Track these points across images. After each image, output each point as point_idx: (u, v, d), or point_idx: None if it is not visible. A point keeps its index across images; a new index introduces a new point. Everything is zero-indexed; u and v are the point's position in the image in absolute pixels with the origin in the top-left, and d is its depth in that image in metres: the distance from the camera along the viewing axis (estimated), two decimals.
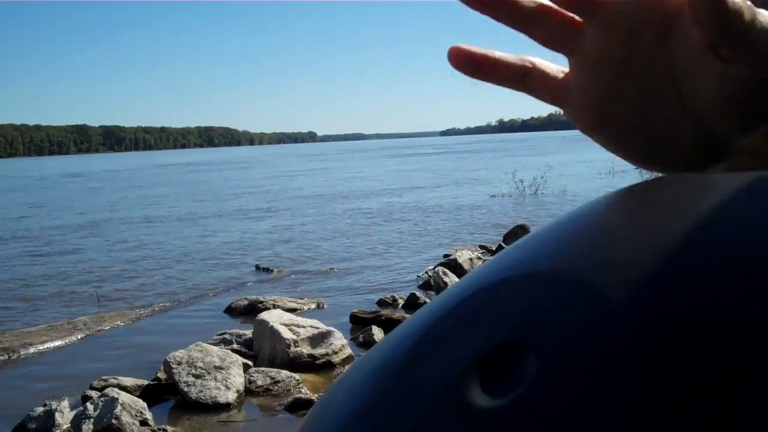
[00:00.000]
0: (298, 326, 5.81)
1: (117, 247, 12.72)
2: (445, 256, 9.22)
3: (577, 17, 0.33)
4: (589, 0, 0.32)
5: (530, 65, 0.34)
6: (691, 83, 0.31)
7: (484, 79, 0.34)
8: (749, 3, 0.28)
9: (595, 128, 0.34)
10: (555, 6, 0.33)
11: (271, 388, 5.06)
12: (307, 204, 19.39)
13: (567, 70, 0.35)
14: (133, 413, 4.40)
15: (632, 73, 0.32)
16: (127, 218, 17.59)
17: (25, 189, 35.00)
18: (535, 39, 0.34)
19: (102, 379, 5.16)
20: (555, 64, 0.35)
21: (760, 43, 0.28)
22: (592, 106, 0.34)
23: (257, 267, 9.91)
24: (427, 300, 3.28)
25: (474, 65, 0.34)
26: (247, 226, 15.01)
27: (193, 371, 4.95)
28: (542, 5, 0.33)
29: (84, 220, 17.66)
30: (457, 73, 0.34)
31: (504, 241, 10.01)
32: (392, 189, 23.28)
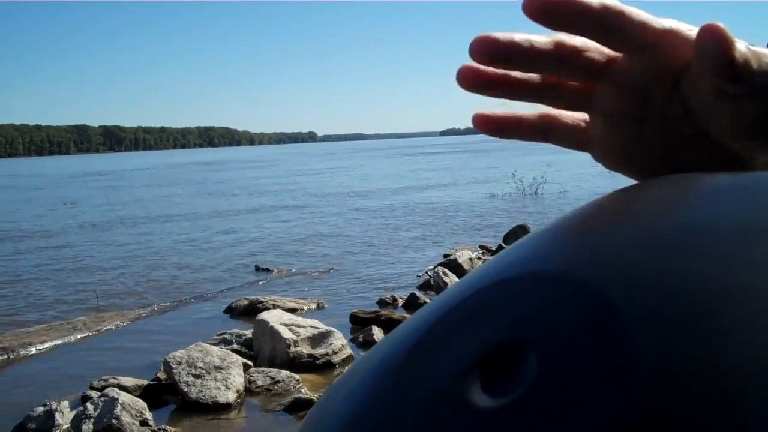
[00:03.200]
0: (298, 326, 5.81)
1: (117, 247, 12.73)
2: (445, 256, 9.22)
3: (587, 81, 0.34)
4: (597, 68, 0.33)
5: (552, 120, 0.36)
6: (707, 122, 0.32)
7: (508, 138, 0.36)
8: (754, 49, 0.30)
9: (620, 168, 0.36)
10: (563, 77, 0.34)
11: (271, 388, 5.06)
12: (309, 204, 19.40)
13: (586, 118, 0.36)
14: (133, 413, 4.40)
15: (650, 121, 0.33)
16: (135, 217, 17.60)
17: (50, 187, 35.03)
18: (549, 105, 0.36)
19: (102, 379, 5.16)
20: (574, 115, 0.36)
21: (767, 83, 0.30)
22: (615, 152, 0.35)
23: (257, 267, 9.91)
24: (427, 300, 3.28)
25: (498, 127, 0.35)
26: (247, 225, 15.02)
27: (193, 371, 4.95)
28: (550, 79, 0.34)
29: (96, 219, 17.67)
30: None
31: (504, 241, 10.01)
32: (394, 189, 23.29)
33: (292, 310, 6.89)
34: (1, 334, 6.75)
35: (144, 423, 4.40)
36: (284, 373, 5.19)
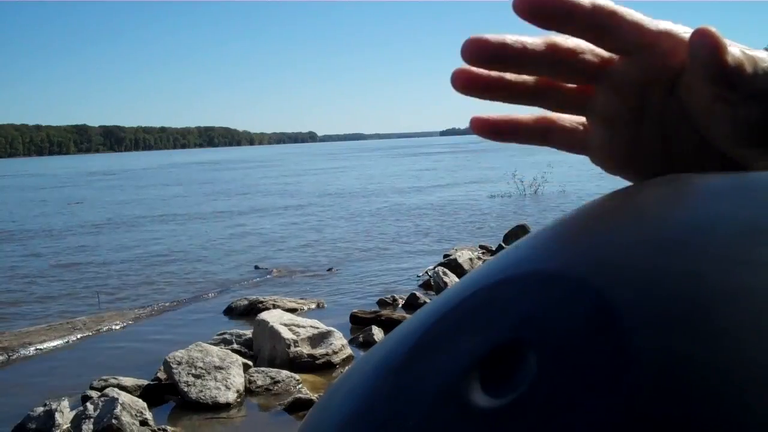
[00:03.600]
0: (298, 326, 5.81)
1: (118, 246, 12.72)
2: (445, 256, 9.22)
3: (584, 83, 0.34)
4: (592, 70, 0.32)
5: (550, 123, 0.36)
6: (705, 126, 0.32)
7: (506, 141, 0.36)
8: (749, 53, 0.30)
9: (619, 171, 0.36)
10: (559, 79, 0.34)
11: (271, 388, 5.06)
12: (309, 203, 19.40)
13: (584, 121, 0.36)
14: (133, 413, 4.39)
15: (647, 123, 0.33)
16: (138, 217, 17.60)
17: (58, 187, 35.08)
18: (545, 108, 0.35)
19: (102, 379, 5.15)
20: (572, 118, 0.36)
21: (764, 87, 0.30)
22: (613, 155, 0.35)
23: (257, 267, 9.91)
24: (427, 300, 3.29)
25: (495, 130, 0.35)
26: (248, 225, 15.01)
27: (193, 371, 4.95)
28: (546, 81, 0.34)
29: (98, 219, 17.67)
30: None
31: (504, 241, 10.01)
32: (395, 189, 23.29)
33: (292, 310, 6.89)
34: (1, 334, 6.75)
35: (144, 423, 4.40)
36: (284, 373, 5.19)
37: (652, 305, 0.20)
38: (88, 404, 4.49)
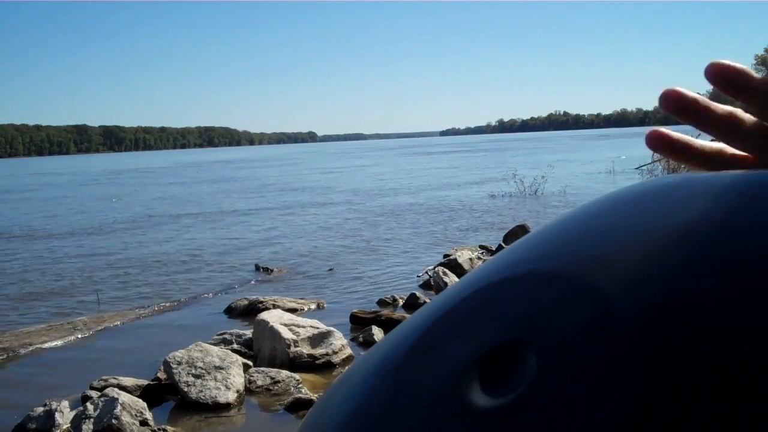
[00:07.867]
0: (298, 326, 5.81)
1: (120, 246, 12.72)
2: (445, 256, 9.22)
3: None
4: (757, 140, 0.36)
5: (723, 155, 0.38)
6: None
7: (677, 161, 0.39)
8: None
9: None
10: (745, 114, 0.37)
11: (271, 388, 5.06)
12: (308, 203, 19.40)
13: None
14: (133, 413, 4.40)
15: None
16: (140, 217, 17.60)
17: (65, 186, 35.14)
18: (727, 143, 0.38)
19: (102, 379, 5.15)
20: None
21: None
22: None
23: (257, 267, 9.91)
24: (427, 300, 3.28)
25: (670, 147, 0.38)
26: (247, 225, 15.01)
27: (193, 371, 4.95)
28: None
29: (99, 220, 17.68)
30: (457, 72, 0.35)
31: (504, 241, 10.01)
32: (394, 189, 23.29)
33: (292, 310, 6.89)
34: (1, 334, 6.75)
35: (144, 423, 4.40)
36: (284, 373, 5.19)
37: (650, 305, 0.20)
38: (88, 404, 4.49)
